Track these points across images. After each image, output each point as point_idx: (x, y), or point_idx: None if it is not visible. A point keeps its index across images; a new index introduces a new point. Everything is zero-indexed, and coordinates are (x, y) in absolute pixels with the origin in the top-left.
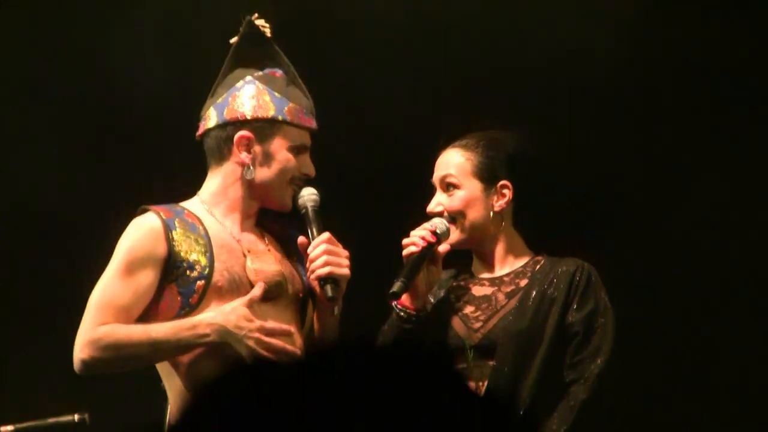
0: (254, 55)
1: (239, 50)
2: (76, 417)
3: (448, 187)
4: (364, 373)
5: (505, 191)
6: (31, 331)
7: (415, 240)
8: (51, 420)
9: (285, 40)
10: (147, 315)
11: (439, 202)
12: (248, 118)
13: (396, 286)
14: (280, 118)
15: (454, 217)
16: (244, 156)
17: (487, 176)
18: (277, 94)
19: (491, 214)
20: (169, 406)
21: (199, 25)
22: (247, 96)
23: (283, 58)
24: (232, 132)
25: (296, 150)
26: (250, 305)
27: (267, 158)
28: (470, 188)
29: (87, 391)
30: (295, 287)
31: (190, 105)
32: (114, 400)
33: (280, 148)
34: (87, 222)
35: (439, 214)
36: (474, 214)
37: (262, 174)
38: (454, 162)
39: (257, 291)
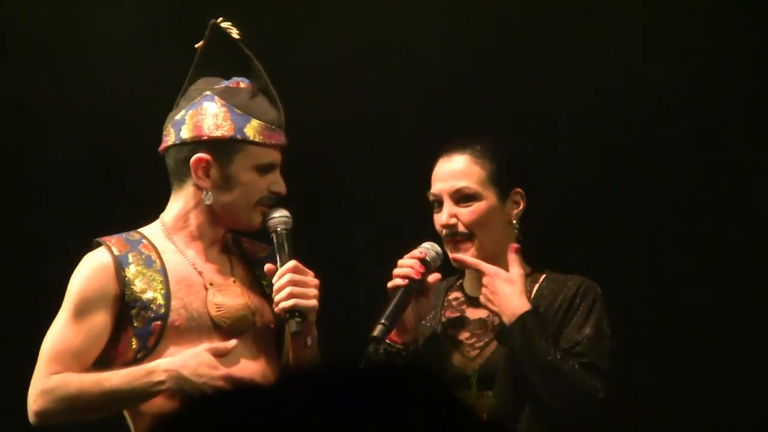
0: (220, 62)
1: (204, 56)
2: None
3: (463, 198)
4: (349, 396)
5: (519, 199)
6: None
7: (405, 271)
8: None
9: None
10: (104, 359)
11: (452, 213)
12: (205, 138)
13: (377, 330)
14: (239, 137)
15: (472, 232)
16: (203, 179)
17: (503, 184)
18: (237, 110)
19: (510, 224)
20: None
21: None
22: (205, 114)
23: (252, 63)
24: (189, 153)
25: (262, 169)
26: (216, 353)
27: (227, 181)
28: (490, 198)
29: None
30: (265, 318)
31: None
32: None
33: (241, 169)
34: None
35: (454, 227)
36: (495, 227)
37: (224, 198)
38: (467, 170)
39: (230, 345)
